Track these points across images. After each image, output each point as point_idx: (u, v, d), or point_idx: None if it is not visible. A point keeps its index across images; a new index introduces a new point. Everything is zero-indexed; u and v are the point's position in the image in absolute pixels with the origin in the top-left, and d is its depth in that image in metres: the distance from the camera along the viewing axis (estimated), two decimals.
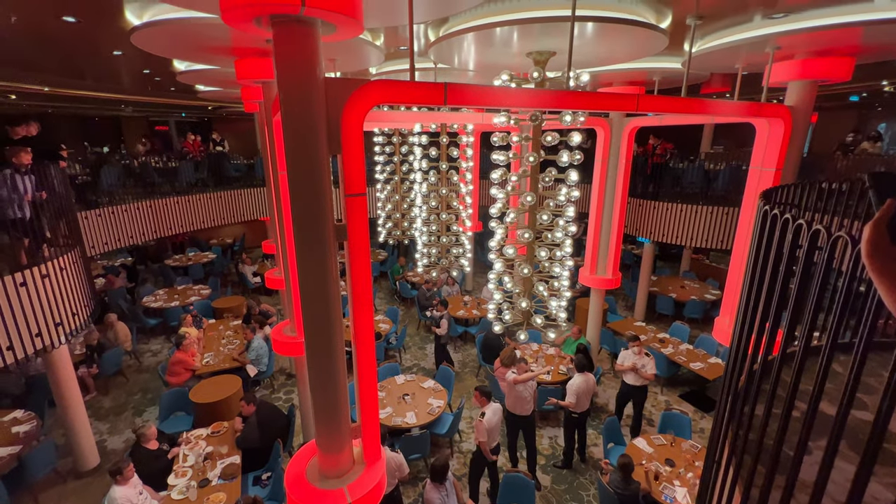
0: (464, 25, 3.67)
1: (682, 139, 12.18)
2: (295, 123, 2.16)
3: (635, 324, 8.56)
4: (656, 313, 10.00)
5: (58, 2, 3.41)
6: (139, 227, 9.36)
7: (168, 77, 7.91)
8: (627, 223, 9.33)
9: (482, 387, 5.01)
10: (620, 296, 11.50)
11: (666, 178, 9.73)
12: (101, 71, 7.51)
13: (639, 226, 9.43)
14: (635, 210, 9.39)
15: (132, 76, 8.13)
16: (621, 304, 11.08)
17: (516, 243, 4.30)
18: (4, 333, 4.08)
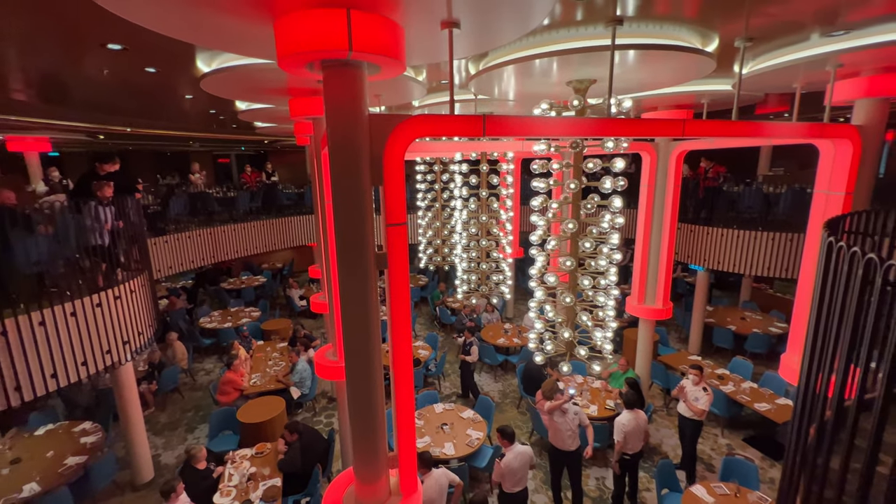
0: (503, 59, 3.76)
1: (736, 161, 11.58)
2: (341, 156, 2.29)
3: (690, 357, 7.99)
4: (713, 346, 9.29)
5: (143, 56, 3.87)
6: (200, 253, 10.08)
7: (230, 116, 8.66)
8: (678, 250, 8.88)
9: (504, 427, 4.81)
10: (673, 327, 10.83)
11: (720, 203, 9.23)
12: (175, 112, 8.35)
13: (691, 253, 8.94)
14: (686, 236, 8.94)
15: (200, 116, 8.97)
16: (674, 336, 10.41)
17: (558, 271, 4.20)
18: (80, 350, 4.47)
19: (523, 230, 11.77)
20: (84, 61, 4.17)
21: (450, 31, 2.42)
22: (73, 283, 4.63)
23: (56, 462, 5.34)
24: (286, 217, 12.22)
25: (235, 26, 2.29)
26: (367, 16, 2.02)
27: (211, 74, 4.05)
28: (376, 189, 2.43)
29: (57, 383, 4.27)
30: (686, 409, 5.61)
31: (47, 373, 4.19)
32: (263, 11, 2.01)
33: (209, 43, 2.78)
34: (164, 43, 2.81)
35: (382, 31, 2.10)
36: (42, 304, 4.16)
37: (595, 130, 2.87)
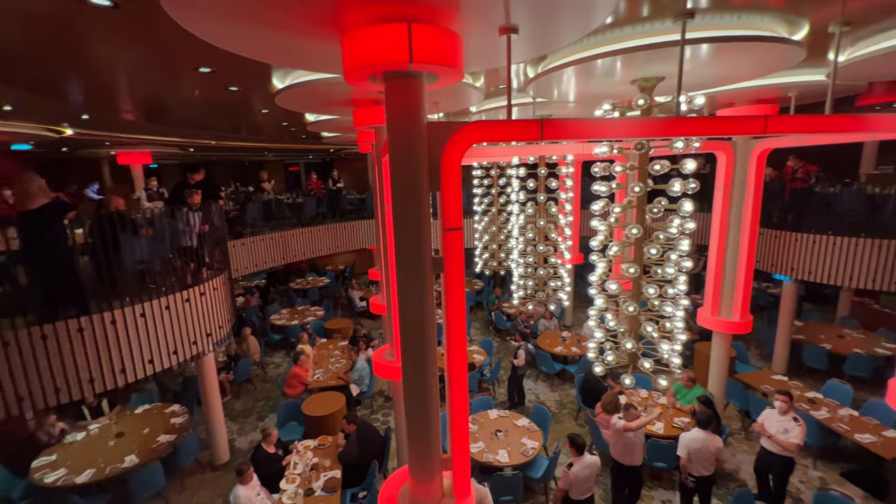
0: (563, 60, 3.68)
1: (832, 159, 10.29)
2: (400, 163, 2.37)
3: (773, 377, 7.22)
4: (803, 367, 8.32)
5: (228, 76, 4.29)
6: (271, 254, 10.89)
7: (300, 127, 9.29)
8: (760, 258, 8.07)
9: (575, 436, 4.65)
10: (753, 342, 9.84)
11: (812, 206, 8.25)
12: (253, 125, 9.12)
13: (776, 261, 8.08)
14: (770, 243, 8.10)
15: (274, 128, 9.71)
16: (754, 353, 9.47)
17: (620, 278, 4.01)
18: (172, 339, 5.02)
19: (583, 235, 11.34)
20: (180, 84, 4.71)
21: (507, 37, 2.42)
22: (167, 280, 5.21)
23: (151, 438, 6.01)
24: (349, 221, 12.84)
25: (307, 46, 2.47)
26: (426, 28, 2.08)
27: (285, 90, 4.38)
28: (434, 194, 2.48)
29: (153, 368, 4.83)
30: (771, 443, 5.01)
31: (146, 359, 4.75)
32: (332, 30, 2.15)
33: (284, 62, 3.02)
34: (246, 64, 3.10)
35: (441, 41, 2.16)
36: (143, 298, 4.74)
37: (663, 131, 2.71)
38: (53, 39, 3.13)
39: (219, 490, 6.09)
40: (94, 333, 4.36)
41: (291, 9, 1.89)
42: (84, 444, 5.98)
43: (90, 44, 3.27)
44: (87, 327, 4.31)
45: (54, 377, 4.19)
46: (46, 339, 4.11)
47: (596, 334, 4.27)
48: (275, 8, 1.88)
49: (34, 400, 4.13)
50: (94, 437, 6.12)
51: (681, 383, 6.39)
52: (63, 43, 3.22)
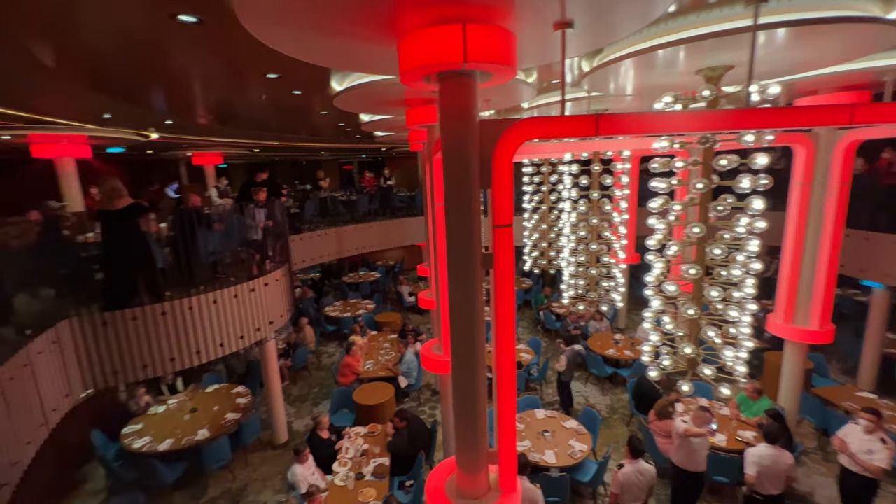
0: (621, 52, 3.55)
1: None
2: (452, 161, 2.42)
3: (859, 394, 6.51)
4: (895, 384, 7.41)
5: (292, 81, 4.58)
6: (326, 249, 11.43)
7: (355, 127, 9.65)
8: (844, 261, 7.28)
9: (636, 439, 4.49)
10: (834, 354, 8.91)
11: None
12: (312, 126, 9.61)
13: (864, 265, 7.23)
14: (858, 245, 7.27)
15: (331, 129, 10.17)
16: (835, 366, 8.57)
17: (679, 280, 3.81)
18: (239, 326, 5.45)
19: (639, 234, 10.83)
20: (250, 90, 5.08)
21: (562, 32, 2.39)
22: (236, 271, 5.66)
23: (219, 415, 6.57)
24: (399, 218, 13.16)
25: (366, 50, 2.58)
26: (481, 27, 2.11)
27: (343, 92, 4.59)
28: (485, 191, 2.51)
29: (223, 351, 5.28)
30: (853, 462, 4.56)
31: (217, 342, 5.20)
32: (389, 34, 2.24)
33: (344, 66, 3.18)
34: (308, 69, 3.30)
35: (495, 40, 2.18)
36: (215, 287, 5.19)
37: (731, 123, 2.54)
38: (145, 53, 3.51)
39: (277, 468, 6.53)
40: (174, 317, 4.85)
41: (355, 17, 2.00)
42: (164, 416, 6.66)
43: (175, 56, 3.63)
44: (168, 312, 4.80)
45: (142, 355, 4.71)
46: (136, 320, 4.63)
47: (651, 337, 4.09)
48: (340, 17, 2.00)
49: (126, 374, 4.67)
50: (172, 411, 6.79)
51: (745, 394, 5.94)
52: (153, 56, 3.60)
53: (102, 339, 4.50)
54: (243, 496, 6.00)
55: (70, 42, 3.18)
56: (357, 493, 4.78)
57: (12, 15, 2.58)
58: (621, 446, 5.02)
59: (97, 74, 4.21)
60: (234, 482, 6.26)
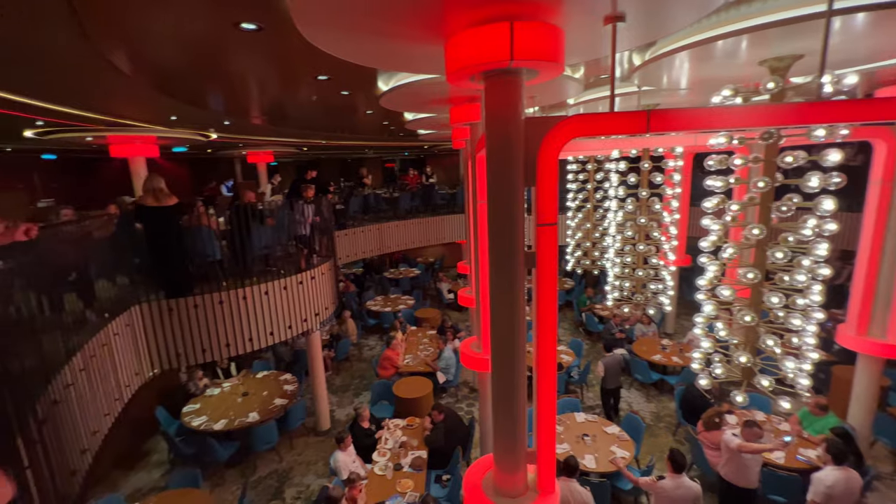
0: (676, 45, 3.39)
1: None
2: (497, 159, 2.42)
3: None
4: None
5: (341, 82, 4.73)
6: (369, 245, 11.75)
7: (399, 125, 9.82)
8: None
9: (677, 453, 4.29)
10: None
11: None
12: (358, 125, 9.88)
13: None
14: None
15: (375, 128, 10.41)
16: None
17: (735, 284, 3.59)
18: (288, 316, 5.74)
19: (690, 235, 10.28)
20: (302, 91, 5.31)
21: (613, 26, 2.32)
22: (285, 264, 5.96)
23: (268, 400, 6.95)
24: (440, 216, 13.27)
25: (414, 50, 2.64)
26: (528, 25, 2.09)
27: (389, 92, 4.70)
28: (528, 189, 2.49)
29: (273, 339, 5.58)
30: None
31: (267, 331, 5.51)
32: (437, 35, 2.28)
33: (392, 66, 3.25)
34: (356, 70, 3.41)
35: (542, 37, 2.15)
36: (266, 279, 5.49)
37: (799, 117, 2.36)
38: (208, 59, 3.76)
39: (320, 453, 6.82)
40: (230, 306, 5.18)
41: (406, 19, 2.05)
42: (219, 398, 7.13)
43: (235, 61, 3.86)
44: (225, 301, 5.14)
45: (201, 340, 5.08)
46: (197, 308, 4.99)
47: (702, 344, 3.89)
48: (391, 20, 2.05)
49: (187, 356, 5.05)
50: (226, 394, 7.26)
51: (808, 409, 5.50)
52: (215, 62, 3.85)
53: (168, 323, 4.90)
54: (288, 478, 6.32)
55: (144, 51, 3.48)
56: (395, 482, 4.91)
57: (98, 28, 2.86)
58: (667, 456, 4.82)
59: (166, 80, 4.56)
60: (281, 464, 6.61)
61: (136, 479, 6.45)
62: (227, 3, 2.44)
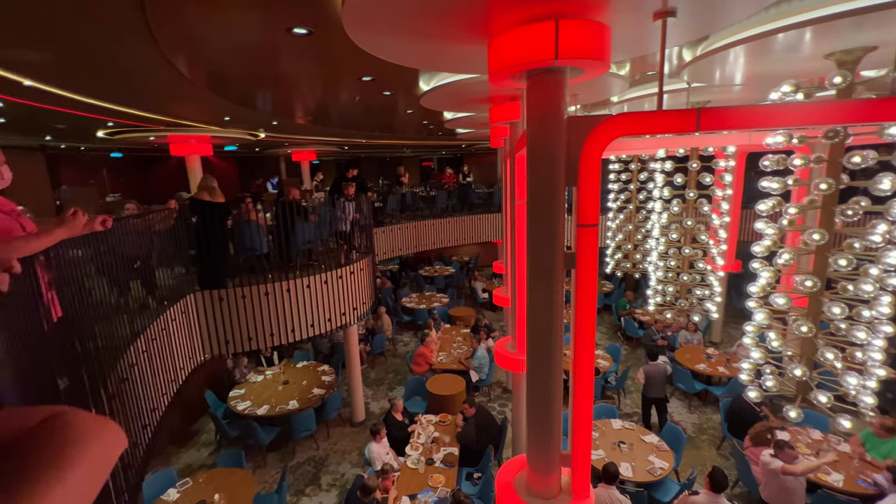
0: (731, 39, 3.22)
1: None
2: (538, 158, 2.41)
3: None
4: None
5: (383, 82, 4.85)
6: (405, 242, 11.93)
7: (438, 125, 9.90)
8: None
9: (720, 472, 4.08)
10: None
11: None
12: (397, 125, 10.06)
13: None
14: None
15: (415, 127, 10.54)
16: None
17: (792, 292, 3.38)
18: (327, 309, 5.95)
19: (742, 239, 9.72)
20: (345, 92, 5.48)
21: (663, 22, 2.25)
22: (326, 259, 6.17)
23: (307, 389, 7.23)
24: (476, 215, 13.26)
25: (456, 50, 2.67)
26: (574, 23, 2.07)
27: (430, 92, 4.76)
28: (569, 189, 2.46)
29: (313, 331, 5.80)
30: None
31: (308, 322, 5.73)
32: (481, 35, 2.29)
33: (433, 66, 3.30)
34: (399, 71, 3.48)
35: (588, 35, 2.12)
36: (308, 273, 5.72)
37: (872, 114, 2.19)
38: (260, 62, 3.96)
39: (355, 444, 7.02)
40: (275, 298, 5.44)
41: (452, 21, 2.08)
42: (262, 385, 7.49)
43: (285, 64, 4.04)
44: (270, 293, 5.40)
45: (248, 329, 5.37)
46: (245, 298, 5.27)
47: (752, 354, 3.69)
48: (438, 22, 2.09)
49: (235, 344, 5.35)
50: (268, 381, 7.62)
51: (872, 431, 5.08)
52: (266, 65, 4.05)
53: (218, 312, 5.21)
54: (324, 465, 6.55)
55: (203, 55, 3.71)
56: (427, 477, 4.98)
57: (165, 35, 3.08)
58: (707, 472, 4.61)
59: (222, 82, 4.85)
60: (318, 451, 6.87)
61: (186, 455, 6.91)
62: (282, 9, 2.57)
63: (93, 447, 0.41)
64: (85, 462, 0.39)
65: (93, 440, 0.41)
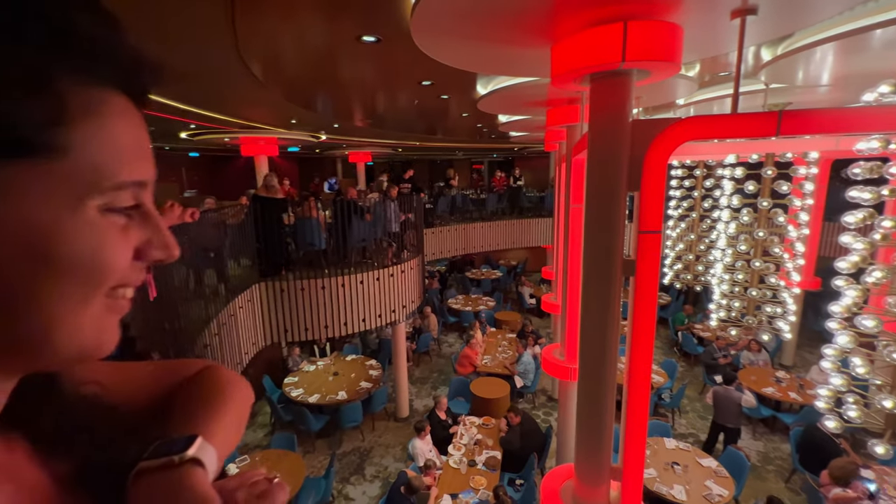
0: (819, 36, 2.98)
1: None
2: (599, 162, 2.37)
3: None
4: None
5: (442, 86, 4.95)
6: (454, 244, 12.03)
7: (492, 128, 9.91)
8: None
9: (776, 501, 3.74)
10: None
11: None
12: (452, 128, 10.19)
13: None
14: None
15: (468, 130, 10.63)
16: None
17: (883, 314, 3.05)
18: (378, 306, 6.15)
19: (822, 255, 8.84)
20: (406, 96, 5.66)
21: (742, 20, 2.13)
22: (379, 257, 6.39)
23: (355, 382, 7.50)
24: (526, 219, 13.10)
25: (517, 54, 2.68)
26: (643, 24, 2.02)
27: (487, 96, 4.80)
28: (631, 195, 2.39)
29: (364, 326, 6.03)
30: None
31: (360, 318, 5.96)
32: (545, 39, 2.30)
33: (494, 70, 3.33)
34: (458, 75, 3.55)
35: (658, 36, 2.06)
36: (362, 269, 5.95)
37: None
38: (329, 68, 4.20)
39: (399, 439, 7.19)
40: (330, 292, 5.71)
41: (517, 27, 2.11)
42: (314, 374, 7.87)
43: (351, 70, 4.26)
44: (326, 286, 5.68)
45: (305, 320, 5.67)
46: (303, 290, 5.58)
47: (832, 380, 3.36)
48: (503, 27, 2.13)
49: (293, 333, 5.68)
50: (320, 371, 7.99)
51: None
52: (334, 71, 4.29)
53: (279, 302, 5.56)
54: (369, 456, 6.77)
55: (275, 62, 4.00)
56: (469, 478, 5.00)
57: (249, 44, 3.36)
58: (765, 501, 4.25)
59: (292, 87, 5.19)
60: (363, 442, 7.11)
61: (244, 435, 7.41)
62: (354, 19, 2.72)
63: (238, 394, 0.49)
64: (233, 405, 0.47)
65: (237, 389, 0.50)
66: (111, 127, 0.30)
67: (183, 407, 0.46)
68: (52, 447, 0.36)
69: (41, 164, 0.26)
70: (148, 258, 0.33)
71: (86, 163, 0.28)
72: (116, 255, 0.31)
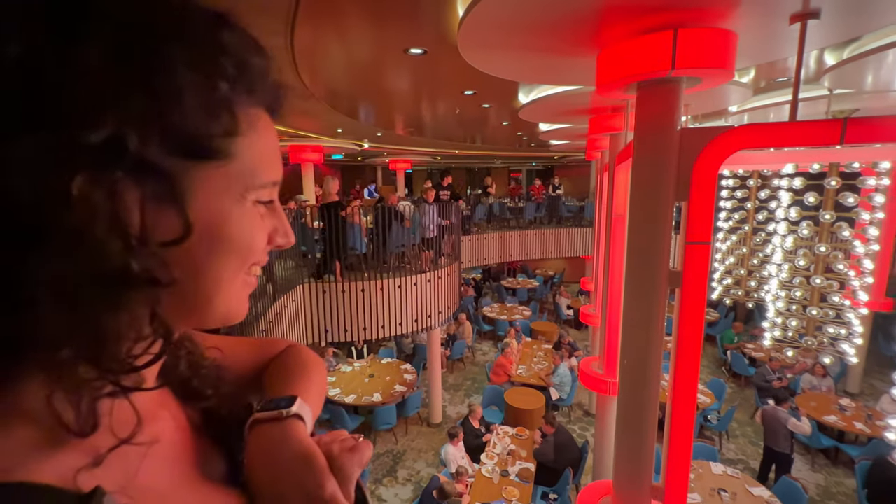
0: (890, 39, 2.78)
1: None
2: (645, 171, 2.33)
3: None
4: None
5: (484, 96, 5.02)
6: (490, 252, 12.00)
7: (532, 136, 9.87)
8: None
9: None
10: None
11: None
12: (490, 136, 10.24)
13: None
14: None
15: (508, 138, 10.64)
16: None
17: None
18: (415, 310, 6.24)
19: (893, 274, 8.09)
20: (447, 105, 5.77)
21: (802, 24, 2.04)
22: (416, 262, 6.50)
23: (390, 385, 7.61)
24: (565, 228, 12.87)
25: (562, 64, 2.69)
26: (694, 31, 1.98)
27: (529, 104, 4.81)
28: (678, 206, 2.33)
29: (400, 330, 6.13)
30: None
31: (397, 321, 6.08)
32: (591, 48, 2.30)
33: (536, 79, 3.35)
34: (500, 84, 3.59)
35: (710, 43, 2.02)
36: (400, 274, 6.07)
37: None
38: (376, 79, 4.37)
39: (431, 444, 7.22)
40: (369, 295, 5.87)
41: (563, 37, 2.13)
42: (350, 375, 8.07)
43: (395, 81, 4.41)
44: (365, 290, 5.84)
45: (345, 321, 5.86)
46: (344, 293, 5.77)
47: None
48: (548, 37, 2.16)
49: (333, 334, 5.88)
50: (356, 373, 8.18)
51: None
52: (381, 82, 4.45)
53: (321, 303, 5.78)
54: (401, 459, 6.84)
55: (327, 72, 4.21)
56: (501, 488, 4.94)
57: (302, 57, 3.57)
58: None
59: (339, 97, 5.42)
60: (396, 445, 7.19)
61: None
62: (402, 32, 2.83)
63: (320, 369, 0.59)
64: (317, 378, 0.57)
65: (319, 365, 0.59)
66: (262, 137, 0.37)
67: (278, 375, 0.55)
68: (187, 395, 0.45)
69: (221, 166, 0.34)
70: (273, 243, 0.41)
71: (247, 165, 0.35)
72: (261, 239, 0.38)
